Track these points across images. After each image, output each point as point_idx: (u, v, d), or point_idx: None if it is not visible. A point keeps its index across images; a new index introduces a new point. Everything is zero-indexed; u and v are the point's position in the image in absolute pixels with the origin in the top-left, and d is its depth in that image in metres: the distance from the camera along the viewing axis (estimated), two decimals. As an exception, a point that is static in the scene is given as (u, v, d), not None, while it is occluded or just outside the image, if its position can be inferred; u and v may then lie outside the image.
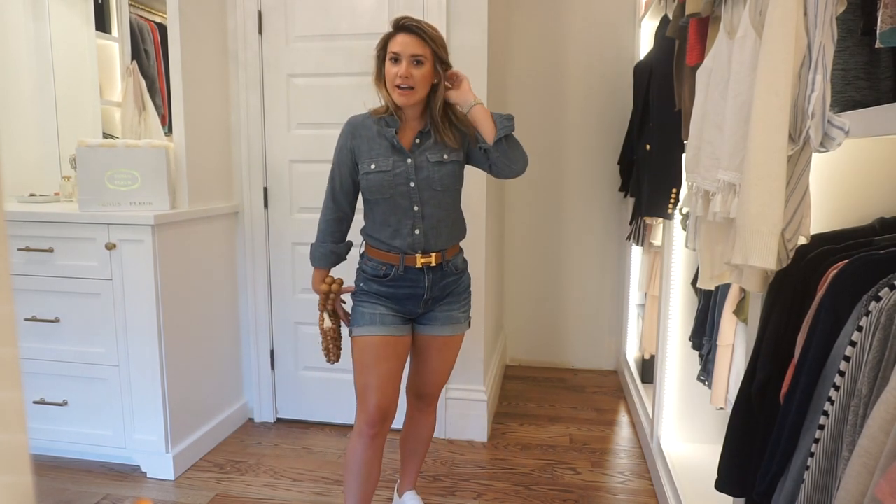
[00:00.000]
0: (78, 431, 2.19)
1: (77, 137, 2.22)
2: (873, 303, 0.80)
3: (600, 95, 3.22)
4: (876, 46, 0.84)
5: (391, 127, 1.57)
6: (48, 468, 2.21)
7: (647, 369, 2.77)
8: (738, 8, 1.14)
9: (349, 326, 1.67)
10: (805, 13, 0.91)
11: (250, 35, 2.44)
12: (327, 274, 1.70)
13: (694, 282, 2.02)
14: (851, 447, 0.76)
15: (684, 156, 1.43)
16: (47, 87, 2.64)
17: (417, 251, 1.58)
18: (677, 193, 1.96)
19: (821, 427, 0.84)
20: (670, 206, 1.98)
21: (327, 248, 1.68)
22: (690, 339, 1.98)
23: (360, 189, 1.62)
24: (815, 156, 0.98)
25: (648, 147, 2.15)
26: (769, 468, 0.95)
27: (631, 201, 2.79)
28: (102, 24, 2.67)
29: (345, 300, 1.73)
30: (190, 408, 2.28)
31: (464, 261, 1.70)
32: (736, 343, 1.68)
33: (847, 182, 1.13)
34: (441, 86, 1.55)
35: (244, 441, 2.49)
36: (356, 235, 1.70)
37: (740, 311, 1.63)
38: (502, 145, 1.55)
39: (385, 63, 1.52)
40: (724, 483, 1.15)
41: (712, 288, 1.51)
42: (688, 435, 2.16)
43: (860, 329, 0.80)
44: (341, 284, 1.69)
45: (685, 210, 1.84)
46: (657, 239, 2.55)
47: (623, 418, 2.76)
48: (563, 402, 2.93)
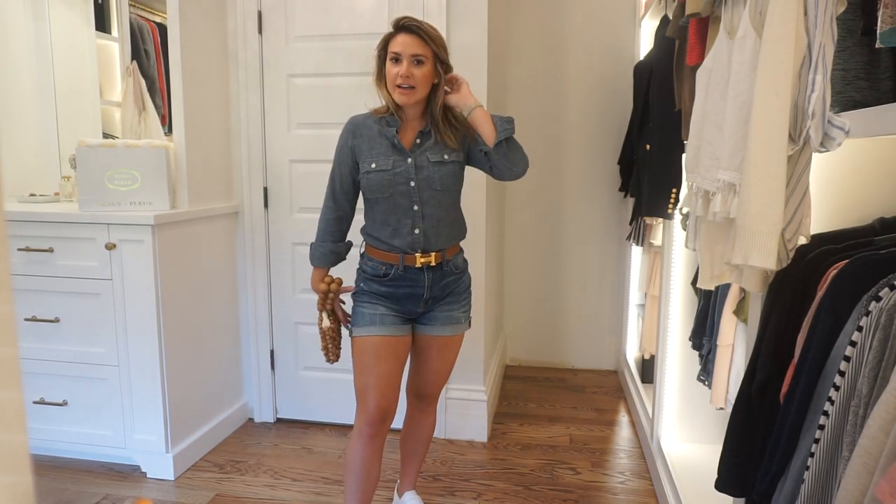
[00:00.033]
0: (78, 431, 2.20)
1: (77, 137, 2.22)
2: (873, 303, 0.80)
3: (600, 95, 3.22)
4: (876, 46, 0.84)
5: (392, 126, 1.58)
6: (48, 468, 2.21)
7: (647, 369, 2.77)
8: (738, 8, 1.14)
9: (349, 327, 1.67)
10: (805, 13, 0.91)
11: (250, 35, 2.45)
12: (326, 273, 1.70)
13: (694, 282, 2.02)
14: (851, 447, 0.76)
15: (684, 156, 1.43)
16: (47, 87, 2.64)
17: (417, 250, 1.58)
18: (677, 193, 1.96)
19: (821, 427, 0.84)
20: (670, 206, 1.99)
21: (327, 248, 1.68)
22: (690, 339, 1.98)
23: (361, 188, 1.62)
24: (815, 156, 0.98)
25: (648, 147, 2.15)
26: (769, 468, 0.95)
27: (631, 201, 2.79)
28: (102, 24, 2.67)
29: (344, 300, 1.73)
30: (190, 408, 2.28)
31: (464, 260, 1.70)
32: (736, 343, 1.68)
33: (847, 182, 1.13)
34: (441, 86, 1.55)
35: (244, 441, 2.49)
36: (356, 236, 1.70)
37: (740, 311, 1.63)
38: (503, 148, 1.55)
39: (386, 63, 1.53)
40: (724, 483, 1.15)
41: (712, 288, 1.51)
42: (688, 435, 2.16)
43: (860, 329, 0.80)
44: (340, 284, 1.69)
45: (685, 210, 1.84)
46: (657, 239, 2.55)
47: (623, 418, 2.76)
48: (563, 402, 2.93)
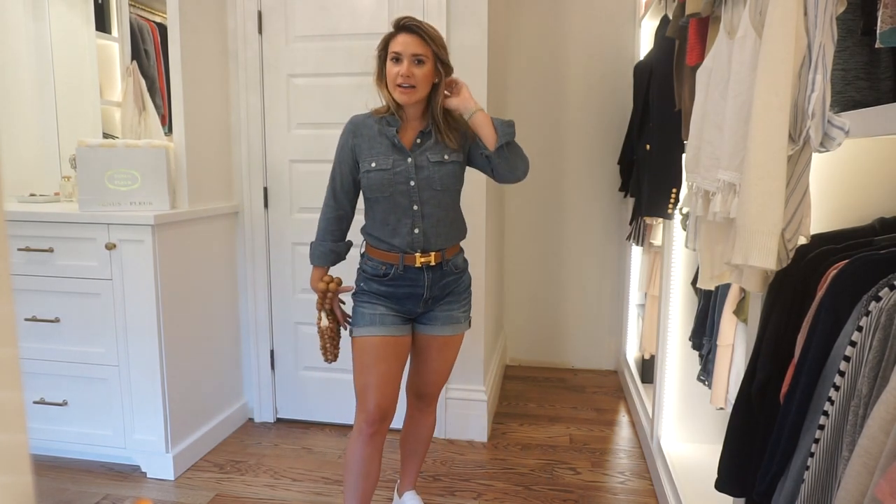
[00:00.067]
0: (78, 431, 2.20)
1: (77, 137, 2.22)
2: (873, 303, 0.80)
3: (600, 95, 3.22)
4: (876, 46, 0.84)
5: (392, 126, 1.58)
6: (48, 468, 2.21)
7: (647, 369, 2.77)
8: (738, 8, 1.14)
9: (348, 327, 1.67)
10: (805, 13, 0.91)
11: (250, 35, 2.45)
12: (326, 272, 1.70)
13: (694, 282, 2.02)
14: (851, 447, 0.76)
15: (684, 156, 1.43)
16: (47, 87, 2.64)
17: (417, 250, 1.58)
18: (677, 193, 1.96)
19: (821, 427, 0.84)
20: (670, 206, 1.99)
21: (327, 247, 1.68)
22: (690, 339, 1.98)
23: (361, 188, 1.63)
24: (815, 156, 0.98)
25: (648, 147, 2.15)
26: (769, 468, 0.95)
27: (631, 201, 2.79)
28: (102, 24, 2.67)
29: (344, 301, 1.73)
30: (190, 408, 2.28)
31: (464, 260, 1.70)
32: (736, 343, 1.68)
33: (847, 182, 1.13)
34: (442, 85, 1.55)
35: (244, 441, 2.49)
36: (357, 236, 1.70)
37: (740, 311, 1.63)
38: (504, 152, 1.55)
39: (386, 63, 1.53)
40: (724, 483, 1.15)
41: (712, 288, 1.51)
42: (688, 435, 2.16)
43: (860, 329, 0.80)
44: (339, 283, 1.69)
45: (685, 210, 1.84)
46: (657, 239, 2.55)
47: (623, 418, 2.76)
48: (563, 402, 2.93)
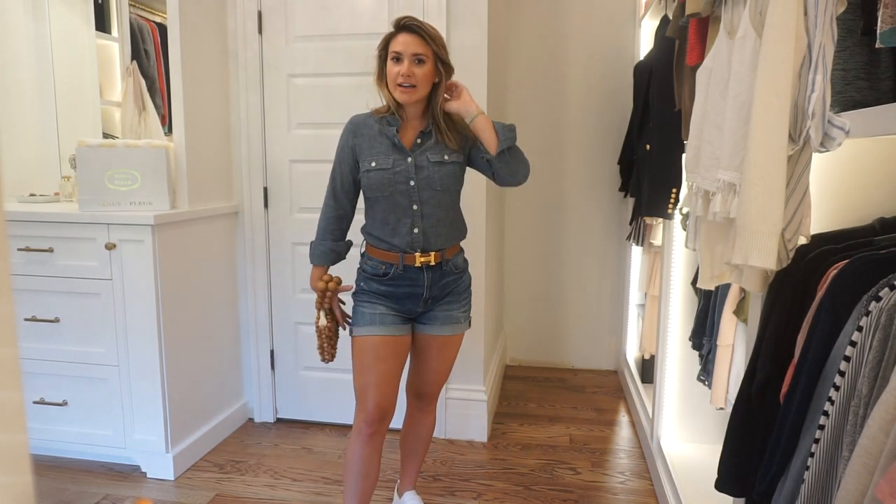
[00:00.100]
0: (78, 431, 2.20)
1: (77, 137, 2.22)
2: (873, 303, 0.80)
3: (600, 95, 3.22)
4: (876, 46, 0.84)
5: (392, 126, 1.58)
6: (48, 468, 2.21)
7: (647, 369, 2.77)
8: (738, 8, 1.14)
9: (348, 326, 1.67)
10: (805, 13, 0.91)
11: (250, 35, 2.45)
12: (325, 272, 1.70)
13: (694, 282, 2.02)
14: (851, 447, 0.76)
15: (684, 156, 1.43)
16: (47, 87, 2.64)
17: (416, 250, 1.58)
18: (677, 193, 1.96)
19: (821, 427, 0.84)
20: (670, 206, 1.98)
21: (327, 246, 1.68)
22: (690, 339, 1.98)
23: (361, 187, 1.63)
24: (815, 156, 0.98)
25: (648, 147, 2.15)
26: (769, 468, 0.95)
27: (631, 201, 2.79)
28: (102, 24, 2.67)
29: (344, 301, 1.73)
30: (190, 408, 2.28)
31: (464, 260, 1.70)
32: (736, 343, 1.68)
33: (847, 182, 1.13)
34: (442, 85, 1.55)
35: (244, 441, 2.49)
36: (357, 236, 1.70)
37: (740, 311, 1.63)
38: (505, 156, 1.55)
39: (387, 63, 1.53)
40: (724, 483, 1.15)
41: (712, 288, 1.51)
42: (688, 435, 2.16)
43: (860, 329, 0.80)
44: (339, 283, 1.68)
45: (685, 210, 1.84)
46: (657, 239, 2.55)
47: (623, 418, 2.76)
48: (563, 402, 2.93)
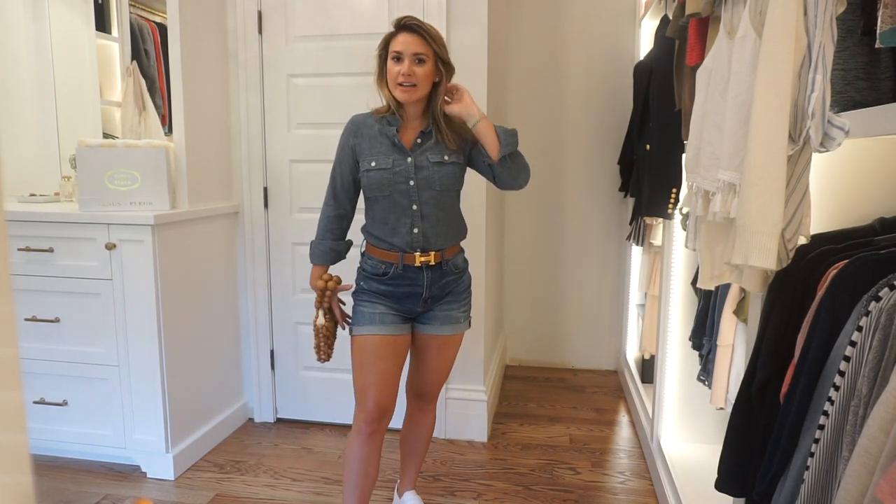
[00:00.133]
0: (78, 431, 2.19)
1: (77, 137, 2.22)
2: (873, 303, 0.80)
3: (600, 95, 3.22)
4: (876, 46, 0.84)
5: (392, 126, 1.58)
6: (48, 468, 2.21)
7: (647, 369, 2.77)
8: (738, 8, 1.14)
9: (348, 325, 1.67)
10: (805, 13, 0.91)
11: (250, 35, 2.45)
12: (325, 271, 1.70)
13: (694, 282, 2.02)
14: (851, 447, 0.76)
15: (684, 156, 1.43)
16: (47, 87, 2.64)
17: (416, 250, 1.58)
18: (677, 193, 1.96)
19: (821, 427, 0.84)
20: (670, 206, 1.98)
21: (327, 246, 1.68)
22: (690, 339, 1.98)
23: (361, 187, 1.63)
24: (815, 156, 0.98)
25: (648, 147, 2.15)
26: (769, 468, 0.95)
27: (631, 201, 2.79)
28: (102, 24, 2.67)
29: (344, 301, 1.73)
30: (190, 408, 2.28)
31: (464, 260, 1.70)
32: (736, 343, 1.68)
33: (847, 182, 1.13)
34: (443, 85, 1.55)
35: (244, 441, 2.49)
36: (357, 235, 1.70)
37: (740, 311, 1.63)
38: (507, 162, 1.56)
39: (387, 62, 1.53)
40: (724, 483, 1.15)
41: (712, 288, 1.51)
42: (688, 435, 2.16)
43: (860, 329, 0.80)
44: (339, 282, 1.68)
45: (685, 210, 1.84)
46: (657, 239, 2.55)
47: (623, 418, 2.76)
48: (563, 402, 2.93)
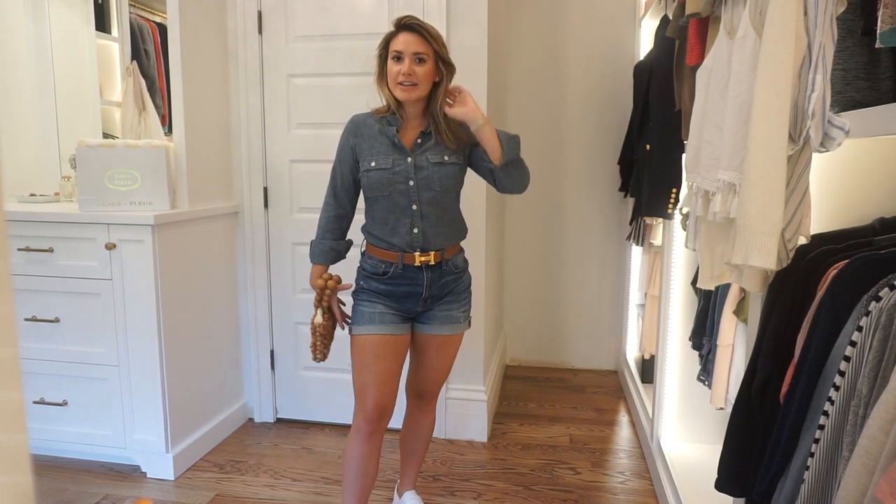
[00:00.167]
0: (78, 431, 2.19)
1: (77, 137, 2.22)
2: (873, 303, 0.80)
3: (600, 95, 3.22)
4: (876, 46, 0.84)
5: (392, 126, 1.58)
6: (48, 468, 2.21)
7: (647, 369, 2.77)
8: (738, 8, 1.14)
9: (348, 325, 1.67)
10: (805, 13, 0.91)
11: (250, 35, 2.44)
12: (325, 270, 1.70)
13: (694, 282, 2.02)
14: (851, 447, 0.76)
15: (684, 156, 1.43)
16: (47, 87, 2.64)
17: (416, 249, 1.58)
18: (677, 193, 1.96)
19: (821, 427, 0.84)
20: (670, 206, 1.98)
21: (327, 245, 1.68)
22: (690, 339, 1.98)
23: (361, 187, 1.63)
24: (815, 156, 0.98)
25: (648, 147, 2.15)
26: (769, 468, 0.95)
27: (631, 201, 2.79)
28: (102, 24, 2.67)
29: (344, 302, 1.73)
30: (190, 408, 2.28)
31: (464, 260, 1.70)
32: (736, 343, 1.68)
33: (847, 182, 1.13)
34: (443, 85, 1.55)
35: (244, 441, 2.49)
36: (357, 235, 1.70)
37: (740, 311, 1.63)
38: (508, 168, 1.56)
39: (387, 62, 1.53)
40: (724, 483, 1.15)
41: (712, 288, 1.51)
42: (688, 435, 2.16)
43: (860, 329, 0.80)
44: (339, 282, 1.68)
45: (685, 210, 1.84)
46: (657, 239, 2.55)
47: (623, 418, 2.76)
48: (563, 402, 2.93)
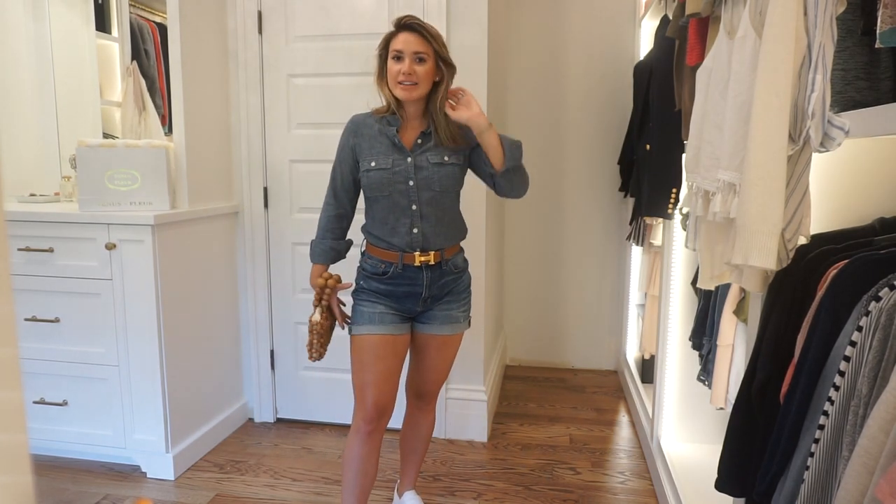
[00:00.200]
0: (78, 431, 2.19)
1: (77, 137, 2.22)
2: (873, 303, 0.80)
3: (600, 95, 3.22)
4: (876, 46, 0.84)
5: (392, 126, 1.58)
6: (48, 468, 2.21)
7: (647, 369, 2.77)
8: (738, 8, 1.14)
9: (348, 325, 1.67)
10: (805, 13, 0.91)
11: (250, 35, 2.44)
12: (325, 270, 1.70)
13: (694, 282, 2.02)
14: (851, 447, 0.76)
15: (684, 156, 1.43)
16: (47, 87, 2.64)
17: (416, 249, 1.58)
18: (677, 193, 1.96)
19: (821, 427, 0.84)
20: (670, 206, 1.98)
21: (327, 245, 1.69)
22: (690, 339, 1.98)
23: (361, 187, 1.63)
24: (815, 156, 0.98)
25: (648, 147, 2.15)
26: (769, 468, 0.95)
27: (631, 201, 2.79)
28: (102, 24, 2.67)
29: (344, 302, 1.73)
30: (190, 408, 2.28)
31: (464, 260, 1.70)
32: (736, 343, 1.68)
33: (847, 182, 1.13)
34: (443, 84, 1.55)
35: (244, 441, 2.49)
36: (357, 235, 1.70)
37: (740, 311, 1.63)
38: (509, 174, 1.56)
39: (387, 62, 1.53)
40: (724, 483, 1.15)
41: (712, 288, 1.51)
42: (688, 435, 2.16)
43: (860, 329, 0.80)
44: (338, 281, 1.68)
45: (685, 210, 1.84)
46: (657, 239, 2.55)
47: (623, 418, 2.76)
48: (563, 402, 2.93)
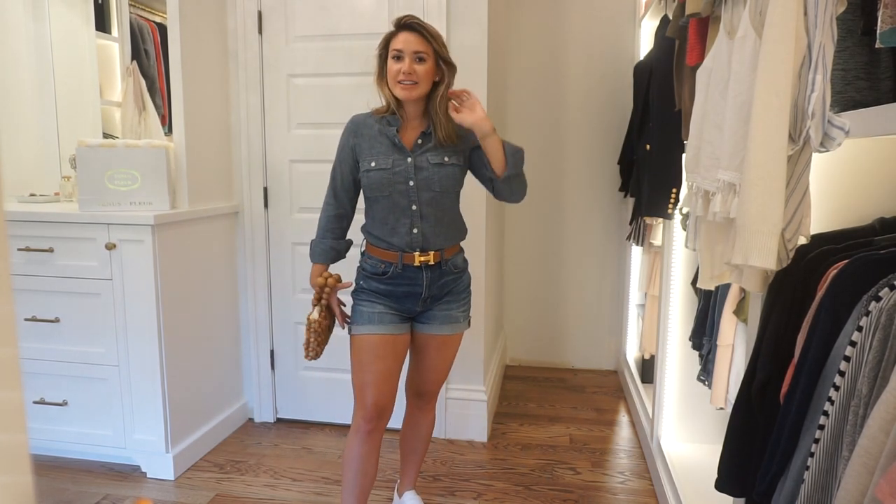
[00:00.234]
0: (78, 431, 2.19)
1: (77, 137, 2.22)
2: (873, 303, 0.80)
3: (600, 95, 3.22)
4: (876, 46, 0.84)
5: (392, 126, 1.58)
6: (48, 468, 2.21)
7: (647, 369, 2.77)
8: (738, 8, 1.14)
9: (348, 325, 1.67)
10: (805, 13, 0.91)
11: (250, 35, 2.45)
12: (325, 269, 1.70)
13: (694, 282, 2.02)
14: (851, 447, 0.76)
15: (684, 156, 1.43)
16: (47, 87, 2.64)
17: (416, 249, 1.58)
18: (677, 193, 1.96)
19: (821, 427, 0.84)
20: (670, 206, 1.98)
21: (327, 244, 1.69)
22: (690, 339, 1.98)
23: (361, 187, 1.63)
24: (815, 156, 0.98)
25: (648, 147, 2.15)
26: (769, 468, 0.95)
27: (631, 201, 2.79)
28: (102, 24, 2.67)
29: (344, 302, 1.73)
30: (190, 408, 2.28)
31: (464, 260, 1.70)
32: (736, 343, 1.68)
33: (847, 182, 1.13)
34: (444, 84, 1.55)
35: (244, 441, 2.49)
36: (357, 235, 1.70)
37: (740, 311, 1.63)
38: (509, 180, 1.56)
39: (387, 61, 1.53)
40: (724, 483, 1.15)
41: (712, 288, 1.51)
42: (688, 435, 2.16)
43: (860, 329, 0.80)
44: (338, 280, 1.68)
45: (685, 210, 1.84)
46: (657, 239, 2.55)
47: (623, 418, 2.76)
48: (563, 402, 2.93)
